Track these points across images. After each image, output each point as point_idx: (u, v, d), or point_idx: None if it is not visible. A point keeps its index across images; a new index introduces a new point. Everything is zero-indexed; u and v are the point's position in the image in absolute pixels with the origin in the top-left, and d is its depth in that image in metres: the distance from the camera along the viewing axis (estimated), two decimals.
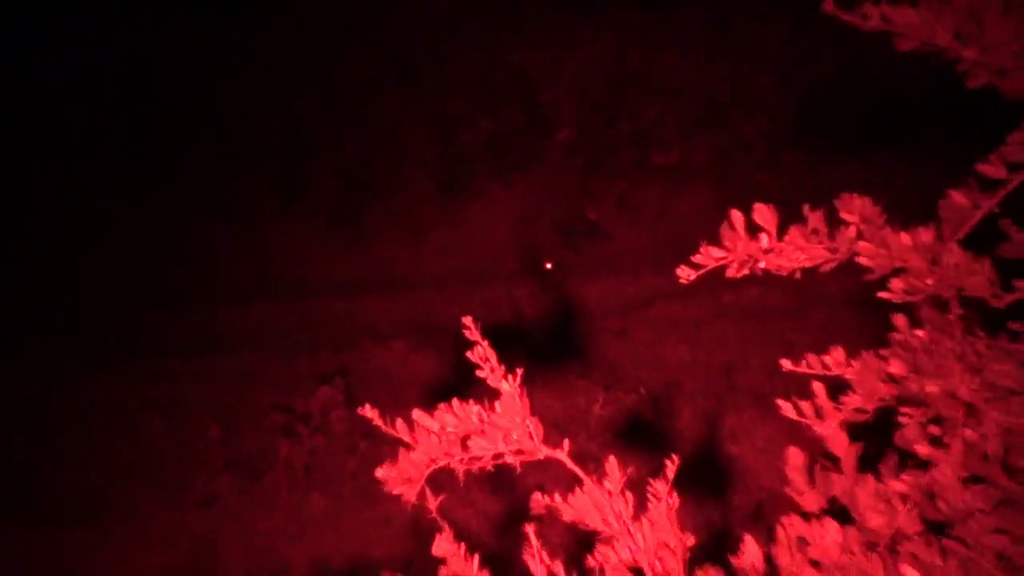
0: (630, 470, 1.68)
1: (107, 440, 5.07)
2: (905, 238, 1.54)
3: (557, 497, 1.66)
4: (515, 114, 7.54)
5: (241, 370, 5.40)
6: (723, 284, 1.40)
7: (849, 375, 1.59)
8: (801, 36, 6.57)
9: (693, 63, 7.74)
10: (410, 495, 1.64)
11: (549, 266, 6.45)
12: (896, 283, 1.56)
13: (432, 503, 1.65)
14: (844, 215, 1.54)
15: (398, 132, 7.36)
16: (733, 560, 1.63)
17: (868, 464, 1.61)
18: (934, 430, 1.58)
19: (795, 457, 1.63)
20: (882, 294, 1.57)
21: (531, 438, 1.63)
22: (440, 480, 1.64)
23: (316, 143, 7.29)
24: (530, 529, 1.66)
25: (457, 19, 7.75)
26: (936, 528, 1.58)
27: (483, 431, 1.62)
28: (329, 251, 6.98)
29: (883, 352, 1.59)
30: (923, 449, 1.58)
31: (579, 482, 1.65)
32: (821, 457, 1.62)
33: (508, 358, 1.64)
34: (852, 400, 1.59)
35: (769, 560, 1.61)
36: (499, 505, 3.94)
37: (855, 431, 1.61)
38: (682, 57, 7.77)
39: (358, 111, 7.41)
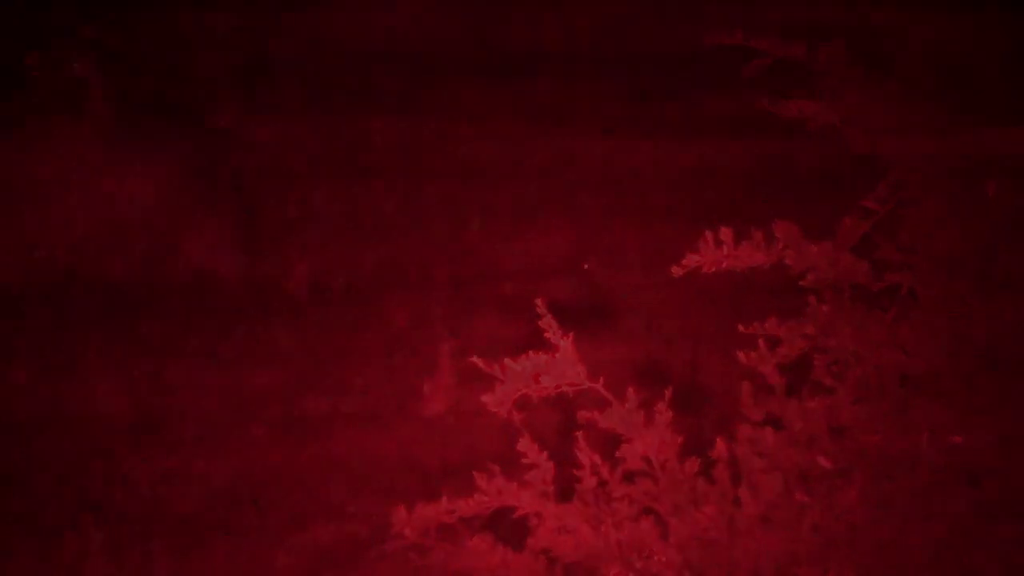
0: (641, 395, 1.67)
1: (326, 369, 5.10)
2: (815, 248, 1.56)
3: (596, 413, 1.67)
4: None
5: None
6: (696, 278, 1.40)
7: (780, 334, 1.59)
8: (747, 123, 6.42)
9: (666, 144, 7.65)
10: (504, 412, 1.65)
11: (586, 267, 6.34)
12: (809, 276, 1.58)
13: (517, 417, 1.66)
14: (777, 234, 1.56)
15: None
16: (710, 453, 1.63)
17: (792, 391, 1.60)
18: (834, 369, 1.59)
19: (746, 387, 1.62)
20: (801, 283, 1.59)
21: (579, 375, 1.64)
22: (522, 403, 1.65)
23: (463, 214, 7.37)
24: (579, 434, 1.67)
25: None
26: (836, 431, 1.58)
27: (548, 371, 1.63)
28: (451, 258, 6.99)
29: (801, 319, 1.59)
30: (827, 381, 1.60)
31: (609, 404, 1.66)
32: (763, 386, 1.62)
33: (564, 324, 1.65)
34: (782, 350, 1.59)
35: (731, 453, 1.61)
36: (559, 419, 3.92)
37: (784, 370, 1.60)
38: (657, 140, 7.67)
39: (485, 199, 7.46)
